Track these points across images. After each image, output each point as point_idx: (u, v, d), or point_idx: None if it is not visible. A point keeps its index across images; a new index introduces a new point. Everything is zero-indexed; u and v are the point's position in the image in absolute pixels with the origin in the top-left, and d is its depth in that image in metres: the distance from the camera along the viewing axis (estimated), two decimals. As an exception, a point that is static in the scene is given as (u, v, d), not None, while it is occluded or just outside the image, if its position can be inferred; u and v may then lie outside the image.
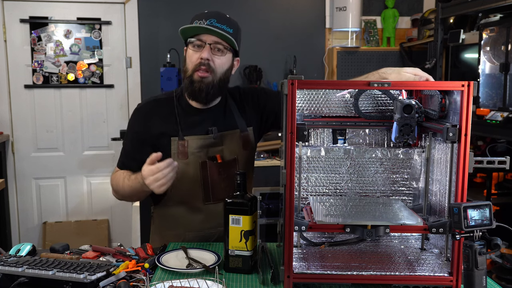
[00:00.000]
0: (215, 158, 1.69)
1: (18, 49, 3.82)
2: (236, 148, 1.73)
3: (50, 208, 4.01)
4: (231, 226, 1.40)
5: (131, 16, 3.90)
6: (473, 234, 1.11)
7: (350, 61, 4.01)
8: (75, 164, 4.01)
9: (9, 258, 1.43)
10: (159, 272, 1.42)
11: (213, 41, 1.60)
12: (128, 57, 3.94)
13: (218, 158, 1.69)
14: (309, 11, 4.08)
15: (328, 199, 1.52)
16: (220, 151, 1.70)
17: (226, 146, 1.71)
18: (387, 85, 1.24)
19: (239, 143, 1.73)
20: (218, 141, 1.70)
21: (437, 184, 1.40)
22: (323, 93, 1.54)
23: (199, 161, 1.67)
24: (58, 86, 3.91)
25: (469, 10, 2.96)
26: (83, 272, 1.28)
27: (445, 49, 3.38)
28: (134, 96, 3.97)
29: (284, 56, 4.01)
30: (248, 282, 1.36)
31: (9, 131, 3.87)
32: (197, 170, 1.67)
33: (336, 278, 1.28)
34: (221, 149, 1.71)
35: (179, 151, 1.65)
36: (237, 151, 1.73)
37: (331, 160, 1.55)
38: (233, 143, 1.72)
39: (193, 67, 1.62)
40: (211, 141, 1.68)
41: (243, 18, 4.18)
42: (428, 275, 1.27)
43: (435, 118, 1.37)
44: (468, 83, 1.20)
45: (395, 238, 1.54)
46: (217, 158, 1.69)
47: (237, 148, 1.73)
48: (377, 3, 4.12)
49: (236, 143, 1.73)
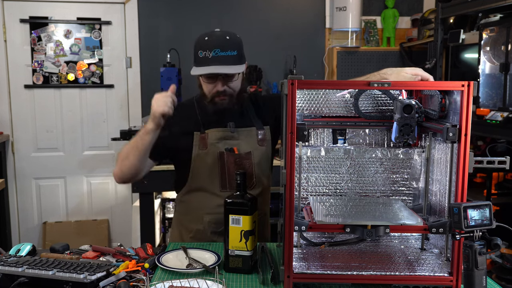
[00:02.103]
0: (232, 150, 1.77)
1: (18, 49, 3.82)
2: (252, 143, 1.80)
3: (50, 208, 4.01)
4: (231, 226, 1.40)
5: (131, 16, 3.90)
6: (473, 234, 1.11)
7: (350, 61, 4.01)
8: (75, 164, 4.00)
9: (9, 258, 1.43)
10: (159, 272, 1.42)
11: (224, 72, 1.67)
12: (128, 57, 3.94)
13: (235, 150, 1.77)
14: (309, 11, 4.07)
15: (328, 199, 1.52)
16: (237, 144, 1.79)
17: (243, 141, 1.80)
18: (387, 85, 1.24)
19: (255, 139, 1.81)
20: (235, 135, 1.79)
21: (437, 184, 1.40)
22: (323, 93, 1.54)
23: (217, 151, 1.75)
24: (58, 86, 3.91)
25: (469, 10, 2.96)
26: (83, 272, 1.28)
27: (445, 49, 3.38)
28: (134, 96, 3.97)
29: (284, 56, 4.01)
30: (248, 282, 1.36)
31: (9, 131, 3.87)
32: (216, 160, 1.75)
33: (336, 278, 1.28)
34: (238, 143, 1.79)
35: (200, 142, 1.75)
36: (252, 146, 1.80)
37: (331, 160, 1.55)
38: (249, 139, 1.80)
39: (211, 95, 1.72)
40: (229, 134, 1.78)
41: (243, 18, 4.20)
42: (428, 275, 1.27)
43: (435, 118, 1.37)
44: (468, 83, 1.20)
45: (395, 238, 1.54)
46: (234, 150, 1.77)
47: (253, 143, 1.80)
48: (377, 3, 4.12)
49: (252, 139, 1.81)
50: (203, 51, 1.66)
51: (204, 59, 1.65)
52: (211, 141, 1.76)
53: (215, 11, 3.88)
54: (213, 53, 1.64)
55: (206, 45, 1.66)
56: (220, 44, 1.65)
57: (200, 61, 1.67)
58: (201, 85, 1.75)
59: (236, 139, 1.79)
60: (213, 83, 1.69)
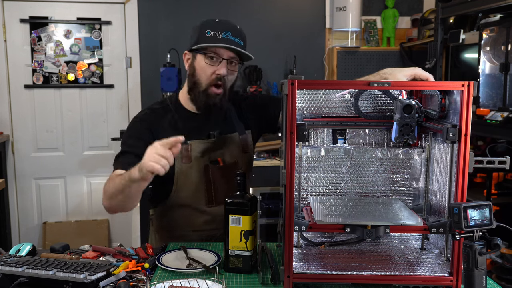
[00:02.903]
0: (217, 161, 1.70)
1: (18, 49, 3.82)
2: (236, 151, 1.74)
3: (50, 208, 4.01)
4: (231, 226, 1.40)
5: (131, 16, 3.90)
6: (473, 234, 1.11)
7: (350, 61, 4.01)
8: (75, 164, 4.00)
9: (9, 258, 1.43)
10: (159, 272, 1.42)
11: (230, 56, 1.61)
12: (128, 57, 3.94)
13: (219, 161, 1.70)
14: (309, 11, 4.08)
15: (328, 199, 1.52)
16: (221, 155, 1.71)
17: (227, 150, 1.72)
18: (387, 85, 1.24)
19: (238, 146, 1.74)
20: (219, 144, 1.70)
21: (437, 184, 1.40)
22: (323, 93, 1.54)
23: (202, 164, 1.67)
24: (58, 86, 3.91)
25: (469, 10, 2.96)
26: (83, 272, 1.28)
27: (445, 49, 3.38)
28: (134, 96, 3.97)
29: (284, 56, 4.01)
30: (248, 282, 1.36)
31: (9, 131, 3.87)
32: (201, 174, 1.67)
33: (336, 278, 1.28)
34: (222, 153, 1.71)
35: (183, 155, 1.64)
36: (237, 154, 1.74)
37: (331, 160, 1.55)
38: (233, 147, 1.73)
39: (208, 82, 1.61)
40: (213, 144, 1.69)
41: (243, 18, 4.19)
42: (428, 275, 1.27)
43: (435, 118, 1.37)
44: (468, 83, 1.20)
45: (395, 238, 1.54)
46: (219, 162, 1.70)
47: (237, 152, 1.74)
48: (377, 3, 4.12)
49: (236, 147, 1.74)
50: (212, 30, 1.57)
51: (213, 38, 1.56)
52: (194, 154, 1.66)
53: (215, 11, 3.88)
54: (224, 34, 1.56)
55: (216, 25, 1.58)
56: (232, 29, 1.59)
57: (206, 40, 1.57)
58: (194, 74, 1.63)
59: (220, 149, 1.70)
60: (216, 66, 1.59)
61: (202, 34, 1.59)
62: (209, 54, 1.59)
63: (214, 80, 1.60)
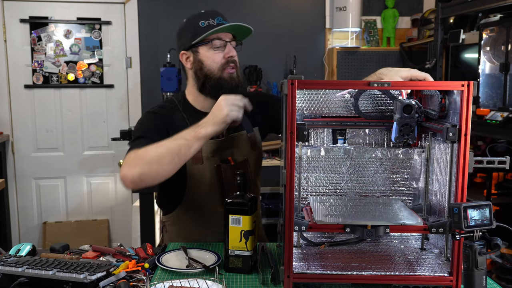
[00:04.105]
0: (227, 161, 1.68)
1: (18, 49, 3.83)
2: (245, 149, 1.73)
3: (50, 208, 4.01)
4: (231, 226, 1.40)
5: (131, 16, 3.90)
6: (473, 234, 1.11)
7: (350, 61, 4.01)
8: (75, 164, 4.01)
9: (9, 258, 1.43)
10: (159, 272, 1.42)
11: (231, 38, 1.63)
12: (128, 57, 3.94)
13: (230, 160, 1.69)
14: (309, 11, 4.08)
15: (328, 199, 1.52)
16: (231, 154, 1.70)
17: (236, 148, 1.71)
18: (387, 85, 1.24)
19: (247, 144, 1.73)
20: (228, 143, 1.69)
21: (437, 184, 1.40)
22: (323, 93, 1.54)
23: (214, 165, 1.66)
24: (58, 86, 3.91)
25: (469, 10, 2.96)
26: (83, 272, 1.28)
27: (445, 49, 3.38)
28: (134, 96, 3.97)
29: (284, 56, 4.01)
30: (248, 282, 1.36)
31: (9, 131, 3.87)
32: (213, 174, 1.65)
33: (336, 278, 1.28)
34: (232, 152, 1.70)
35: (194, 156, 1.55)
36: (246, 152, 1.73)
37: (331, 160, 1.55)
38: (242, 144, 1.72)
39: (220, 67, 1.62)
40: (223, 144, 1.67)
41: (243, 18, 4.16)
42: (428, 275, 1.27)
43: (435, 118, 1.37)
44: (468, 83, 1.20)
45: (395, 238, 1.54)
46: (230, 161, 1.69)
47: (246, 149, 1.73)
48: (377, 3, 4.12)
49: (245, 144, 1.73)
50: (205, 20, 1.59)
51: (210, 26, 1.58)
52: (205, 154, 1.63)
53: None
54: (217, 20, 1.60)
55: (206, 15, 1.61)
56: (220, 14, 1.64)
57: (205, 30, 1.59)
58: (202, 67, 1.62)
59: (229, 148, 1.69)
60: (223, 51, 1.61)
61: (197, 27, 1.60)
62: (214, 43, 1.61)
63: (225, 64, 1.62)
